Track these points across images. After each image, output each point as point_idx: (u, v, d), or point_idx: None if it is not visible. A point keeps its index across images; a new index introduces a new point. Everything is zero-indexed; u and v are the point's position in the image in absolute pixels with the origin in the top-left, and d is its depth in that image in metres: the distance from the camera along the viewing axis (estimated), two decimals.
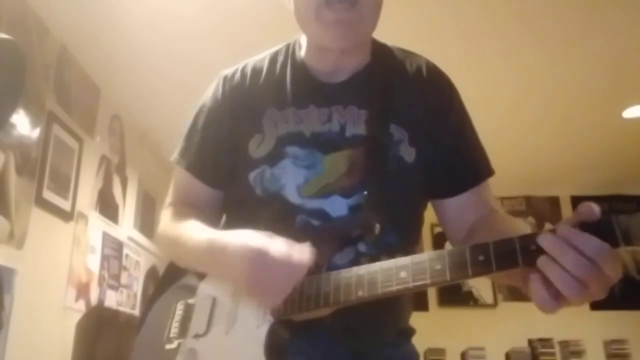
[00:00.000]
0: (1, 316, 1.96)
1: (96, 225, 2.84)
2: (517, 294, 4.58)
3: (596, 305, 4.53)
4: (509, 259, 0.62)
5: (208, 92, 1.05)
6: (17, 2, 2.17)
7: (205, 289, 0.93)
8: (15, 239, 2.09)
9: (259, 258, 0.74)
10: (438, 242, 4.68)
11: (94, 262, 2.79)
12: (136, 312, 3.39)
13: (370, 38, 1.00)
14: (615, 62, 2.82)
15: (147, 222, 3.98)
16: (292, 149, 0.92)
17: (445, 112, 0.96)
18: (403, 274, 0.69)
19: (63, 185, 2.50)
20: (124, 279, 3.20)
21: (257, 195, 0.92)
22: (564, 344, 4.25)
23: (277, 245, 0.75)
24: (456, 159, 0.95)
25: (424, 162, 0.92)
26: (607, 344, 4.31)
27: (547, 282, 0.60)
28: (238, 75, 1.03)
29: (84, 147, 2.71)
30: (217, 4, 2.33)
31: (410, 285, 0.68)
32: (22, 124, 2.17)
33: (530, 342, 4.26)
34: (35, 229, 2.21)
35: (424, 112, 0.94)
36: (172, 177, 1.08)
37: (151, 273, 3.76)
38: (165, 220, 1.01)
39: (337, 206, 0.87)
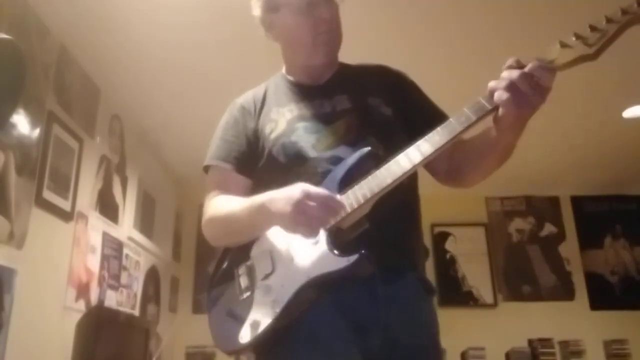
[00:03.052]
0: (1, 316, 1.96)
1: (96, 225, 2.84)
2: (517, 294, 4.59)
3: (596, 305, 4.54)
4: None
5: (225, 115, 1.32)
6: (17, 2, 2.17)
7: (258, 249, 1.12)
8: (15, 239, 2.09)
9: (301, 203, 0.97)
10: (438, 242, 4.69)
11: (94, 262, 2.79)
12: (136, 312, 3.39)
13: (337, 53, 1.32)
14: (615, 62, 2.82)
15: (147, 222, 3.98)
16: (301, 124, 1.18)
17: (402, 85, 1.29)
18: (403, 161, 1.00)
19: (63, 185, 2.50)
20: (124, 279, 3.20)
21: (281, 163, 1.15)
22: (564, 344, 4.24)
23: (308, 190, 0.99)
24: (422, 110, 1.24)
25: (401, 115, 1.22)
26: (607, 344, 4.31)
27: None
28: (247, 98, 1.30)
29: (84, 147, 2.71)
30: None
31: (416, 163, 0.99)
32: (22, 124, 2.17)
33: (530, 342, 4.25)
34: (35, 229, 2.21)
35: (389, 87, 1.26)
36: (205, 182, 1.27)
37: (151, 273, 3.76)
38: (211, 208, 1.21)
39: (347, 153, 1.11)
